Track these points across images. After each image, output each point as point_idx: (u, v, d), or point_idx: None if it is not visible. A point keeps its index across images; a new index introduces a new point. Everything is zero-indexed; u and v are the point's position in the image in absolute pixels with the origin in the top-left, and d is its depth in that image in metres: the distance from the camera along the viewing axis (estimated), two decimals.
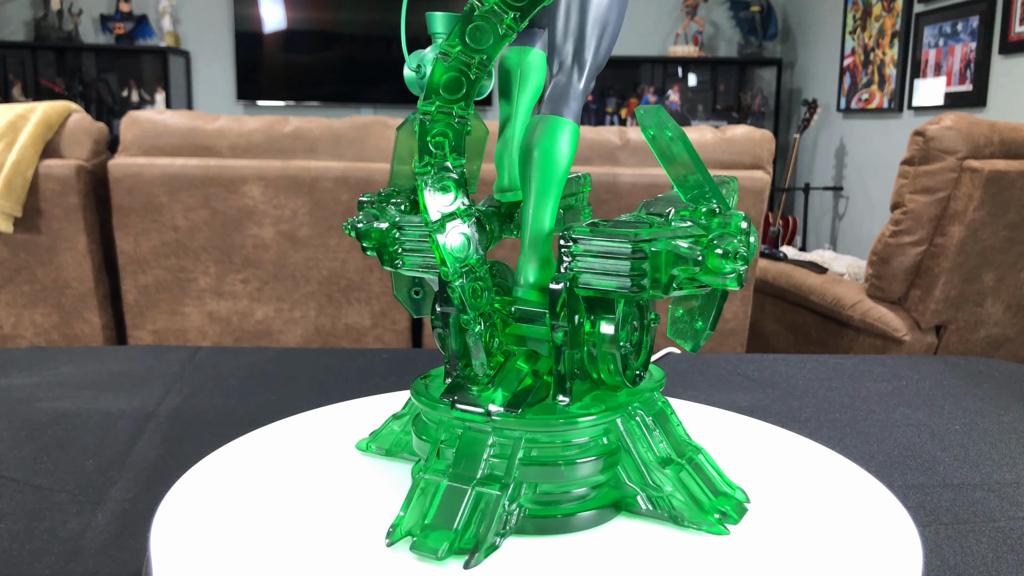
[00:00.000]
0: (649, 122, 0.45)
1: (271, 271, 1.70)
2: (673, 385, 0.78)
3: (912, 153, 1.86)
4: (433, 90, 0.41)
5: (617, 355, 0.44)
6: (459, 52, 0.40)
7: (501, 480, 0.42)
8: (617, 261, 0.41)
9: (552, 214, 0.46)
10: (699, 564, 0.41)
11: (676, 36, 5.27)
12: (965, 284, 1.90)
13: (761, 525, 0.45)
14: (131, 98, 5.01)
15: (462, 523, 0.41)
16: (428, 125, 0.41)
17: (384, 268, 0.49)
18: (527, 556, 0.42)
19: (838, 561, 0.41)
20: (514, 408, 0.43)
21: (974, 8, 3.66)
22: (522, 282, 0.47)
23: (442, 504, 0.41)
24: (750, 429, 0.60)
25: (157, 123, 1.67)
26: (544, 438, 0.44)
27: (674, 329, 0.49)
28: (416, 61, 0.48)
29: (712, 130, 1.74)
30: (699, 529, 0.44)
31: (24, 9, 4.89)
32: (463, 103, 0.41)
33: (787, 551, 0.42)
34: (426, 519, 0.41)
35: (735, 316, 1.79)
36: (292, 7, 5.02)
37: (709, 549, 0.42)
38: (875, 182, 4.38)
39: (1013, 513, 0.51)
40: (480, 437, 0.44)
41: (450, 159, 0.42)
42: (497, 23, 0.39)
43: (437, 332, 0.47)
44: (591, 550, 0.43)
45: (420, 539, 0.40)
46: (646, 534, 0.44)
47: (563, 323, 0.43)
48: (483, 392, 0.44)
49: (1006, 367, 0.86)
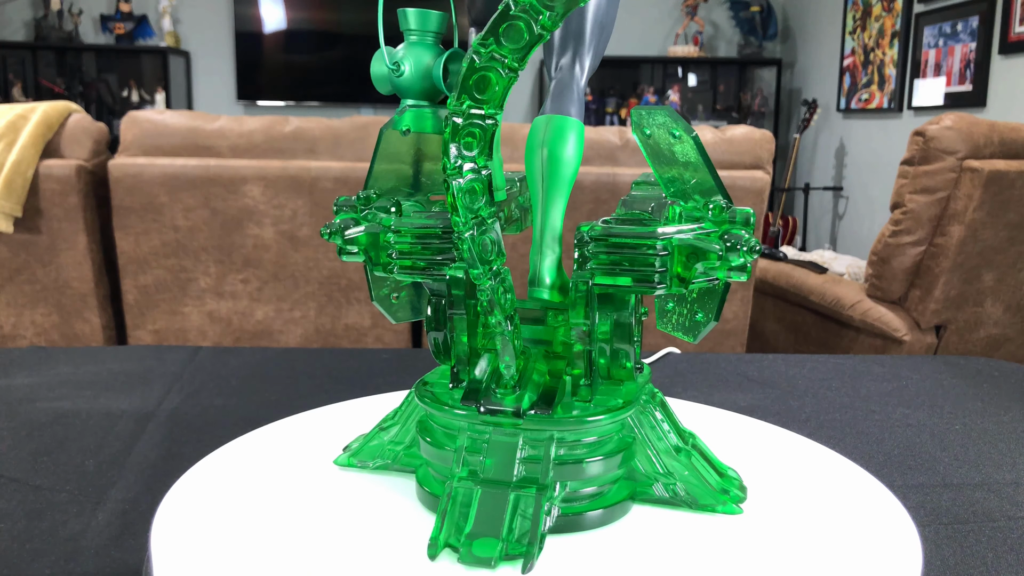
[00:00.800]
0: (649, 121, 0.45)
1: (271, 271, 1.70)
2: (673, 385, 0.78)
3: (912, 153, 1.86)
4: (464, 89, 0.40)
5: (632, 349, 0.45)
6: (492, 51, 0.39)
7: (538, 481, 0.42)
8: (641, 257, 0.42)
9: (563, 213, 0.46)
10: (699, 562, 0.41)
11: (676, 36, 5.27)
12: (965, 284, 1.90)
13: (761, 524, 0.45)
14: (131, 98, 5.01)
15: (506, 529, 0.40)
16: (460, 125, 0.40)
17: (376, 273, 0.48)
18: (561, 556, 0.41)
19: (838, 561, 0.41)
20: (546, 408, 0.43)
21: (974, 8, 3.66)
22: (539, 283, 0.46)
23: (481, 512, 0.41)
24: (750, 429, 0.60)
25: (157, 123, 1.67)
26: (571, 436, 0.44)
27: (665, 322, 0.49)
28: (394, 58, 0.47)
29: (712, 130, 1.74)
30: (713, 511, 0.45)
31: (24, 9, 4.89)
32: (494, 103, 0.40)
33: (787, 550, 0.42)
34: (467, 529, 0.41)
35: (735, 316, 1.79)
36: (292, 7, 5.02)
37: (710, 548, 0.42)
38: (875, 182, 4.38)
39: (1013, 513, 0.51)
40: (510, 440, 0.43)
41: (479, 161, 0.41)
42: (533, 22, 0.38)
43: (433, 337, 0.46)
44: (623, 543, 0.43)
45: (465, 550, 0.40)
46: (666, 522, 0.45)
47: (587, 321, 0.43)
48: (506, 394, 0.44)
49: (1006, 367, 0.86)
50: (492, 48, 0.38)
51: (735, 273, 0.42)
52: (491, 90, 0.39)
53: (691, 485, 0.46)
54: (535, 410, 0.43)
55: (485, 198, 0.40)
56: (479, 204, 0.40)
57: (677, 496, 0.46)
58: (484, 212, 0.40)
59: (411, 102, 0.49)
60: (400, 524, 0.45)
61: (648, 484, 0.46)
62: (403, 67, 0.47)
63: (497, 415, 0.43)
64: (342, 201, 0.48)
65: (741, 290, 1.76)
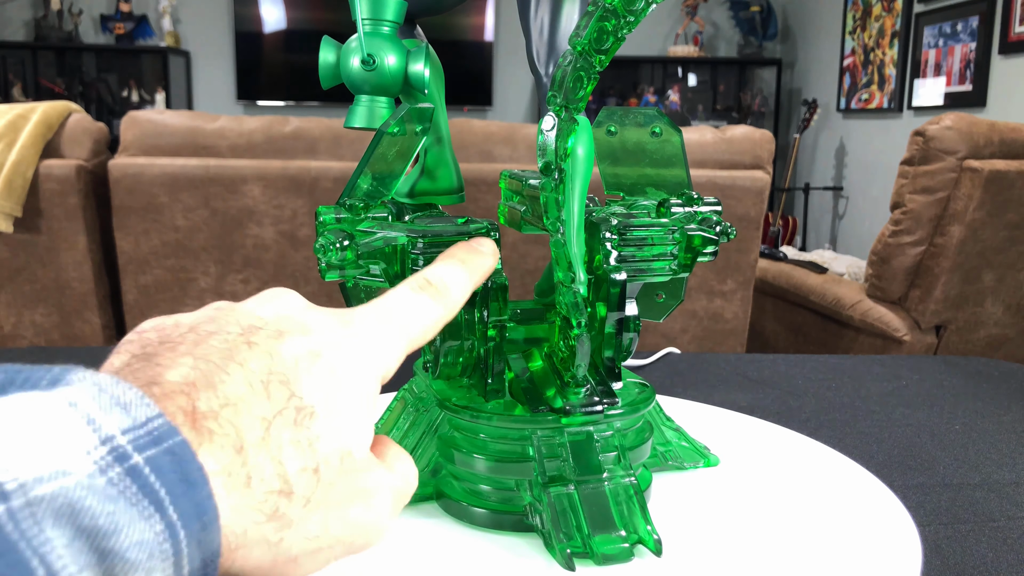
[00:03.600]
0: (621, 120, 0.48)
1: (271, 271, 1.70)
2: (673, 385, 0.78)
3: (912, 153, 1.86)
4: (565, 90, 0.39)
5: (635, 337, 0.46)
6: (588, 51, 0.38)
7: (623, 469, 0.43)
8: (660, 248, 0.46)
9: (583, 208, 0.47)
10: (700, 560, 0.41)
11: (676, 36, 5.28)
12: (965, 284, 1.90)
13: (761, 524, 0.45)
14: (131, 98, 5.01)
15: (621, 520, 0.41)
16: (564, 126, 0.39)
17: (363, 285, 0.44)
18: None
19: (838, 560, 0.41)
20: (613, 399, 0.44)
21: (974, 8, 3.66)
22: (577, 280, 0.46)
23: (589, 511, 0.41)
24: (751, 427, 0.60)
25: (157, 123, 1.67)
26: (628, 423, 0.46)
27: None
28: (368, 51, 0.43)
29: (712, 130, 1.74)
30: (698, 467, 0.52)
31: (24, 9, 4.89)
32: (579, 104, 0.40)
33: (787, 550, 0.42)
34: (583, 531, 0.41)
35: (735, 316, 1.79)
36: (292, 7, 5.02)
37: (712, 547, 0.42)
38: (875, 182, 4.38)
39: (1013, 513, 0.51)
40: (587, 437, 0.44)
41: (566, 164, 0.41)
42: (623, 27, 0.38)
43: (447, 349, 0.44)
44: (662, 506, 0.47)
45: (593, 550, 0.40)
46: (674, 483, 0.47)
47: (617, 312, 0.44)
48: (571, 393, 0.44)
49: (1006, 367, 0.86)
50: (588, 49, 0.38)
51: (707, 256, 0.47)
52: (581, 91, 0.40)
53: (682, 449, 0.52)
54: (609, 403, 0.44)
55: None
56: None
57: (672, 460, 0.52)
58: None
59: (366, 98, 0.45)
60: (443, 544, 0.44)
61: (655, 453, 0.51)
62: (382, 62, 0.43)
63: (584, 416, 0.43)
64: (328, 212, 0.41)
65: (741, 290, 1.76)
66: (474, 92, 5.20)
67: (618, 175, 0.50)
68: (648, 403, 0.47)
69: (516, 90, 5.28)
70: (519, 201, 0.49)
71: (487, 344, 0.44)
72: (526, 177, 0.48)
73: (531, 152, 1.68)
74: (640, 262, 0.46)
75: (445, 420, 0.46)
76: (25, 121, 1.64)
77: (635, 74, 5.45)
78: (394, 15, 0.44)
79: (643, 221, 0.46)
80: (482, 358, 0.44)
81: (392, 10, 0.44)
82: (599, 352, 0.45)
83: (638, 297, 0.49)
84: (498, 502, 0.45)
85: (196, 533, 0.22)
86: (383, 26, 0.44)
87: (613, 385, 0.45)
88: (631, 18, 0.37)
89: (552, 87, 0.40)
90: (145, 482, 0.21)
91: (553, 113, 0.40)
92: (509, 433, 0.44)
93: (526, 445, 0.44)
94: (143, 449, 0.22)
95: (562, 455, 0.43)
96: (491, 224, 0.44)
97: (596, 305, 0.45)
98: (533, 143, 1.71)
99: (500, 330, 0.44)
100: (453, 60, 4.96)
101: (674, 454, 0.52)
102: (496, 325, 0.44)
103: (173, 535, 0.22)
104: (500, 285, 0.43)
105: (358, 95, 0.45)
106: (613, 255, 0.44)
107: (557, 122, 0.40)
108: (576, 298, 0.42)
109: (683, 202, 0.47)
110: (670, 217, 0.47)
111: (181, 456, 0.23)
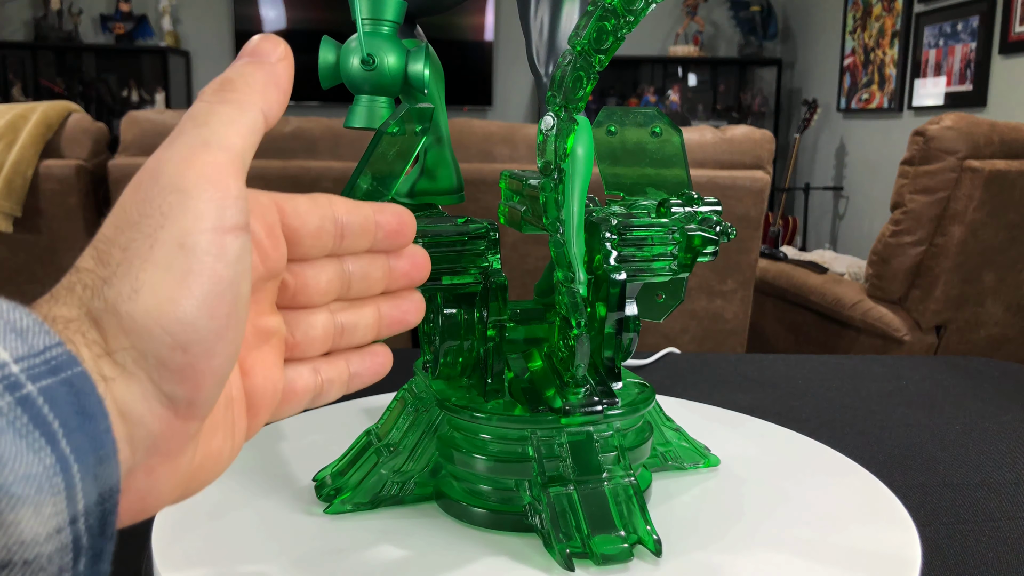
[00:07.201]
0: (621, 120, 0.48)
1: None
2: (673, 385, 0.78)
3: (912, 153, 1.86)
4: (564, 90, 0.39)
5: (635, 337, 0.46)
6: (588, 51, 0.38)
7: (622, 469, 0.43)
8: (660, 248, 0.46)
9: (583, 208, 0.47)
10: (700, 560, 0.41)
11: (676, 36, 5.27)
12: (965, 284, 1.90)
13: (761, 524, 0.45)
14: (131, 98, 5.01)
15: (620, 520, 0.41)
16: (563, 126, 0.39)
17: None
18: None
19: (838, 560, 0.41)
20: (613, 399, 0.44)
21: (974, 8, 3.66)
22: (577, 280, 0.46)
23: (589, 511, 0.41)
24: (751, 427, 0.60)
25: (157, 123, 1.67)
26: (627, 424, 0.46)
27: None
28: (368, 51, 0.42)
29: (712, 130, 1.74)
30: (698, 467, 0.52)
31: (24, 9, 4.89)
32: (578, 104, 0.40)
33: (787, 549, 0.42)
34: (582, 531, 0.41)
35: (735, 316, 1.79)
36: (292, 7, 5.02)
37: (712, 547, 0.42)
38: (875, 182, 4.38)
39: (1013, 513, 0.51)
40: (586, 437, 0.44)
41: (565, 163, 0.41)
42: (623, 27, 0.38)
43: (447, 349, 0.44)
44: (662, 507, 0.47)
45: (592, 550, 0.40)
46: (674, 483, 0.47)
47: (617, 313, 0.44)
48: (571, 394, 0.44)
49: (1006, 367, 0.86)
50: (588, 49, 0.38)
51: (707, 256, 0.47)
52: (581, 91, 0.39)
53: (682, 448, 0.52)
54: (608, 403, 0.44)
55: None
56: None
57: (673, 461, 0.52)
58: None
59: (366, 98, 0.44)
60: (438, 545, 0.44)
61: (655, 453, 0.51)
62: (383, 62, 0.43)
63: (584, 416, 0.43)
64: None
65: (741, 290, 1.76)
66: (474, 92, 5.20)
67: (618, 175, 0.50)
68: (648, 403, 0.47)
69: (516, 90, 5.28)
70: (519, 201, 0.49)
71: (487, 344, 0.44)
72: (526, 177, 0.48)
73: (531, 152, 1.68)
74: (640, 262, 0.46)
75: (445, 420, 0.46)
76: (25, 121, 1.64)
77: (635, 74, 5.45)
78: (394, 15, 0.44)
79: (643, 221, 0.46)
80: (482, 358, 0.44)
81: (392, 10, 0.44)
82: (599, 352, 0.45)
83: (638, 297, 0.49)
84: (498, 502, 0.45)
85: (92, 467, 0.22)
86: (383, 26, 0.44)
87: (613, 385, 0.45)
88: (631, 18, 0.37)
89: (552, 87, 0.40)
90: (38, 413, 0.21)
91: (553, 113, 0.40)
92: (509, 433, 0.44)
93: (526, 445, 0.44)
94: (38, 379, 0.21)
95: (562, 455, 0.43)
96: (491, 224, 0.44)
97: (596, 305, 0.45)
98: (533, 143, 1.70)
99: (500, 330, 0.44)
100: (453, 60, 4.96)
101: (674, 454, 0.52)
102: (496, 325, 0.44)
103: (65, 468, 0.21)
104: (500, 285, 0.43)
105: (358, 95, 0.45)
106: (613, 255, 0.44)
107: (557, 122, 0.40)
108: (576, 298, 0.42)
109: (683, 202, 0.47)
110: (670, 217, 0.47)
111: (80, 388, 0.22)
